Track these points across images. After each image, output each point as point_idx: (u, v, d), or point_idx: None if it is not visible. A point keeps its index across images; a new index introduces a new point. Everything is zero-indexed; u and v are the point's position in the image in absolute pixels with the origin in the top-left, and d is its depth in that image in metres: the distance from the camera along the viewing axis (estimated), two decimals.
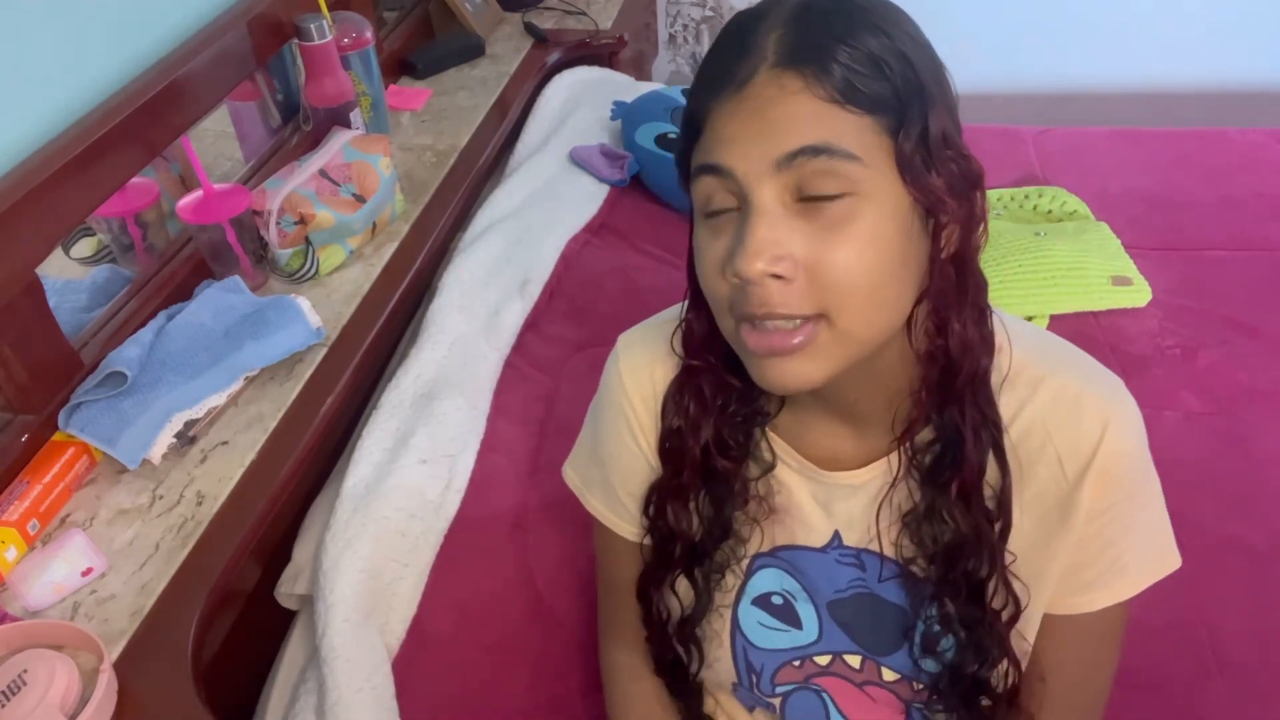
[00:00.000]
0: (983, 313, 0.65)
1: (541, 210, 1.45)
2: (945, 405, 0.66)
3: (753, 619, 0.77)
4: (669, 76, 2.82)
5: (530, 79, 1.77)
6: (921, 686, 0.75)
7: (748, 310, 0.59)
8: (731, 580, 0.77)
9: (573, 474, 0.85)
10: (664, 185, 1.61)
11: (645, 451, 0.78)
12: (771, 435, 0.74)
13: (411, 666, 0.91)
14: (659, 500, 0.77)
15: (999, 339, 0.67)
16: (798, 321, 0.59)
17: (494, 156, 1.57)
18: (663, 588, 0.80)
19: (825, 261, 0.57)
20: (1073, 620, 0.73)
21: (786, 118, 0.57)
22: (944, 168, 0.60)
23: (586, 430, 0.84)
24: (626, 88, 1.84)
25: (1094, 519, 0.68)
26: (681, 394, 0.73)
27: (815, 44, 0.57)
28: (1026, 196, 1.71)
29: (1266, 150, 1.87)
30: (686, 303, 0.71)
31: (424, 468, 1.02)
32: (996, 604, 0.70)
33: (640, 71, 2.21)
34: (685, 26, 2.74)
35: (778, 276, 0.57)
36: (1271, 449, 1.32)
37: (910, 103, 0.58)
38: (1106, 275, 1.54)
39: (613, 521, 0.82)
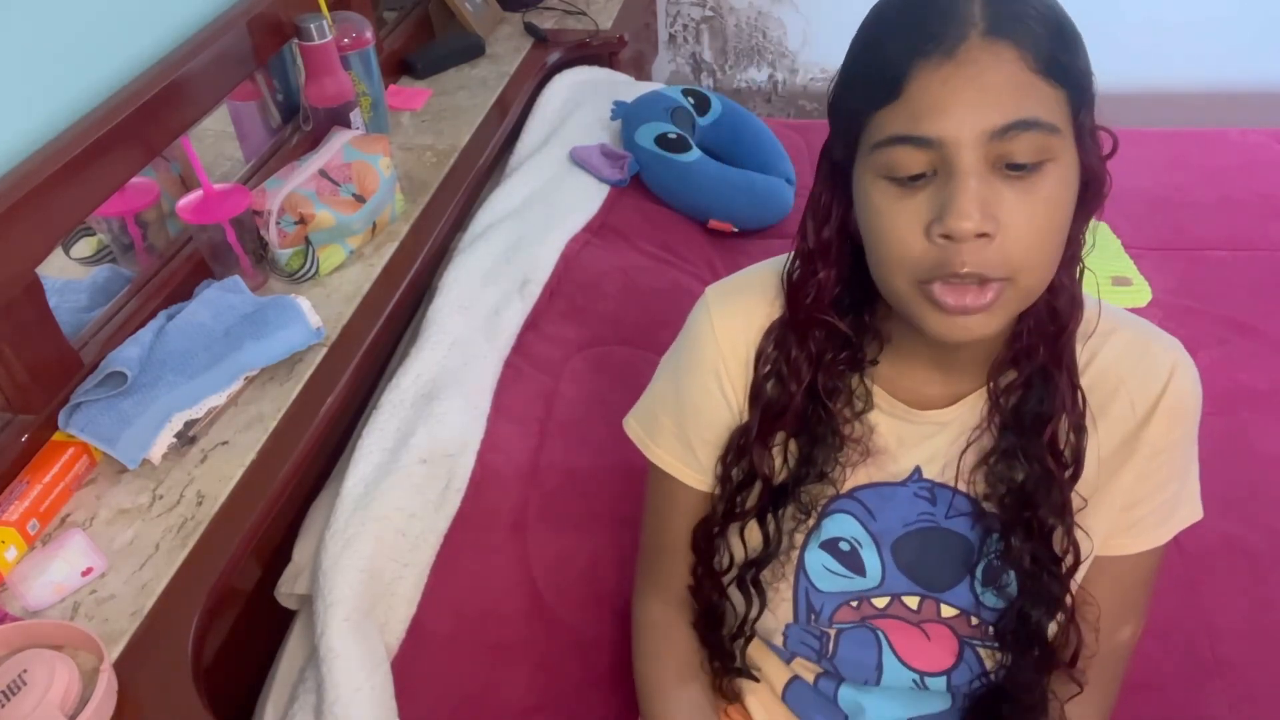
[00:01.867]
0: (1079, 271, 0.70)
1: (541, 210, 1.45)
2: (1046, 357, 0.70)
3: (818, 562, 0.79)
4: (669, 76, 2.82)
5: (530, 79, 1.77)
6: (979, 621, 0.78)
7: (949, 269, 0.60)
8: (805, 523, 0.79)
9: (636, 425, 0.86)
10: (664, 185, 1.61)
11: (730, 400, 0.79)
12: (867, 379, 0.76)
13: (411, 666, 0.91)
14: (744, 445, 0.78)
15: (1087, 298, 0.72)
16: (987, 282, 0.61)
17: (494, 156, 1.57)
18: (726, 534, 0.82)
19: (1020, 222, 0.60)
20: (1109, 562, 0.77)
21: (1000, 87, 0.58)
22: (1094, 139, 0.65)
23: (661, 381, 0.85)
24: (626, 88, 1.84)
25: (1156, 455, 0.74)
26: (785, 345, 0.75)
27: (1020, 13, 0.59)
28: None
29: (1266, 150, 1.88)
30: (794, 260, 0.74)
31: (424, 468, 1.02)
32: (1059, 550, 0.74)
33: (640, 71, 2.21)
34: (685, 26, 2.73)
35: (983, 235, 0.59)
36: (1271, 449, 1.32)
37: (1087, 76, 0.62)
38: (1106, 275, 1.55)
39: (679, 470, 0.83)
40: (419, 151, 1.52)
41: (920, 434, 0.76)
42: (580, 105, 1.74)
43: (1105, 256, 1.58)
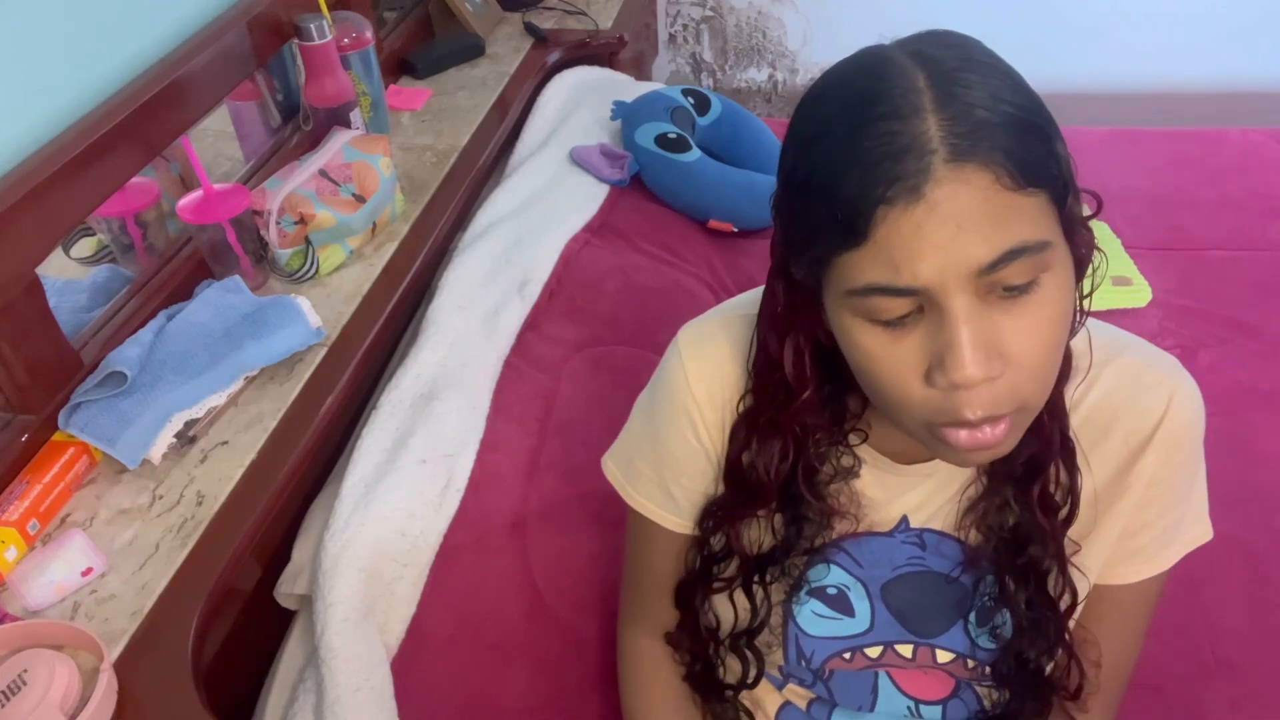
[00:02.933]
0: (1078, 328, 0.65)
1: (541, 210, 1.45)
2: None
3: (807, 609, 0.78)
4: (669, 76, 2.82)
5: (530, 79, 1.77)
6: (975, 664, 0.76)
7: (959, 417, 0.56)
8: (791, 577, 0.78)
9: (614, 467, 0.83)
10: (664, 185, 1.61)
11: (708, 450, 0.76)
12: (852, 443, 0.73)
13: (410, 666, 0.91)
14: (723, 518, 0.76)
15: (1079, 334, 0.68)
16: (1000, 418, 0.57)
17: (494, 156, 1.57)
18: (709, 599, 0.80)
19: (1024, 349, 0.55)
20: (1111, 590, 0.75)
21: (979, 220, 0.52)
22: (1079, 215, 0.59)
23: (637, 426, 0.82)
24: (626, 88, 1.84)
25: (1154, 485, 0.71)
26: (755, 434, 0.71)
27: (983, 125, 0.52)
28: None
29: (1266, 150, 1.87)
30: (756, 351, 0.70)
31: (424, 468, 1.02)
32: (1055, 592, 0.72)
33: (640, 71, 2.21)
34: (685, 26, 2.73)
35: (990, 378, 0.55)
36: (1271, 449, 1.32)
37: (1060, 156, 0.56)
38: (1106, 275, 1.54)
39: (659, 515, 0.81)
40: (419, 151, 1.52)
41: (906, 484, 0.73)
42: (580, 105, 1.74)
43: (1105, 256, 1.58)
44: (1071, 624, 0.75)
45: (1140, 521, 0.72)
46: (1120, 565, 0.74)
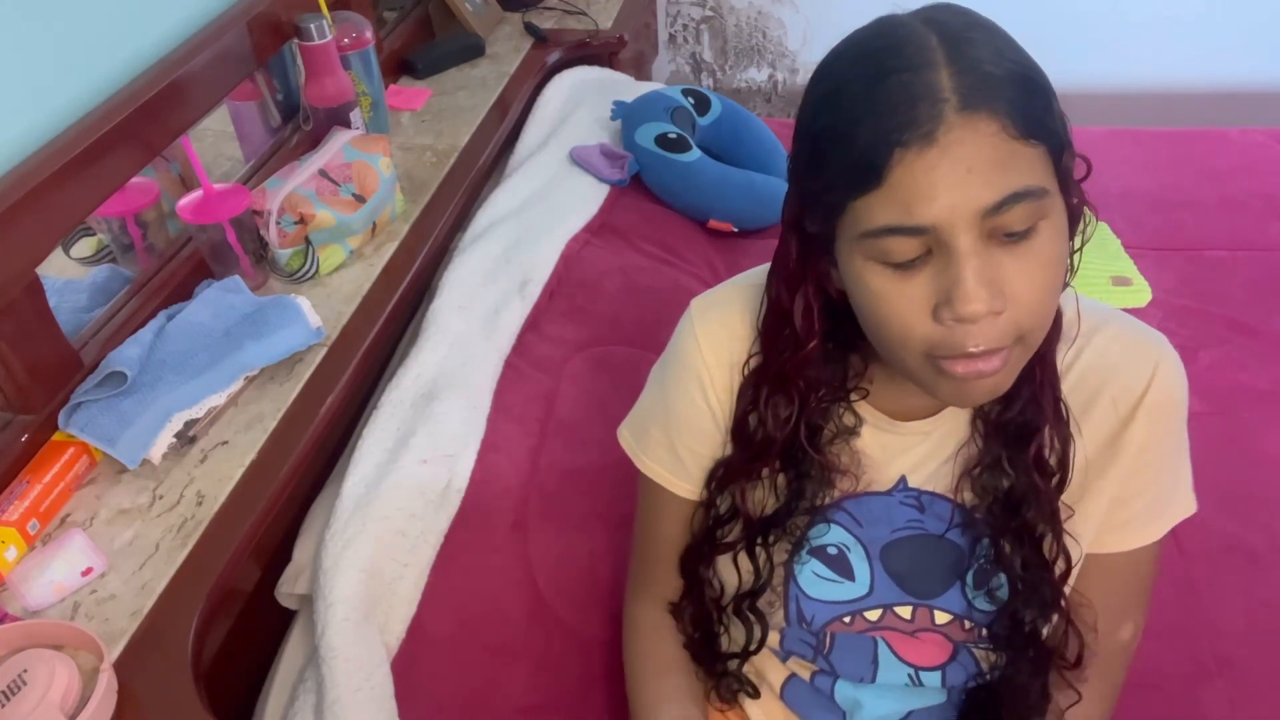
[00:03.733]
0: (1066, 283, 0.67)
1: (541, 210, 1.45)
2: (1023, 374, 0.68)
3: (808, 570, 0.79)
4: (669, 76, 2.82)
5: (530, 79, 1.77)
6: (973, 625, 0.78)
7: (962, 348, 0.59)
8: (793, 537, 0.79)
9: (628, 434, 0.86)
10: (664, 185, 1.61)
11: (715, 412, 0.79)
12: (852, 401, 0.76)
13: (411, 666, 0.91)
14: (728, 478, 0.78)
15: (1064, 302, 0.70)
16: (998, 349, 0.60)
17: (494, 156, 1.57)
18: (715, 564, 0.82)
19: (1023, 288, 0.59)
20: (1103, 559, 0.77)
21: (986, 164, 0.56)
22: (1073, 172, 0.62)
23: (650, 392, 0.85)
24: (626, 88, 1.84)
25: (1143, 452, 0.73)
26: (763, 389, 0.74)
27: (990, 78, 0.57)
28: None
29: (1266, 150, 1.88)
30: (766, 311, 0.73)
31: (424, 468, 1.02)
32: (1049, 556, 0.73)
33: (640, 71, 2.21)
34: (685, 26, 2.73)
35: (994, 312, 0.59)
36: (1271, 449, 1.32)
37: (1058, 116, 0.60)
38: (1106, 275, 1.54)
39: (668, 480, 0.83)
40: (419, 151, 1.52)
41: (904, 444, 0.76)
42: (580, 105, 1.74)
43: (1105, 256, 1.58)
44: (1067, 589, 0.76)
45: (1130, 490, 0.74)
46: (1112, 533, 0.76)
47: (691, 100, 1.73)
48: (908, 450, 0.76)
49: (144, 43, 1.13)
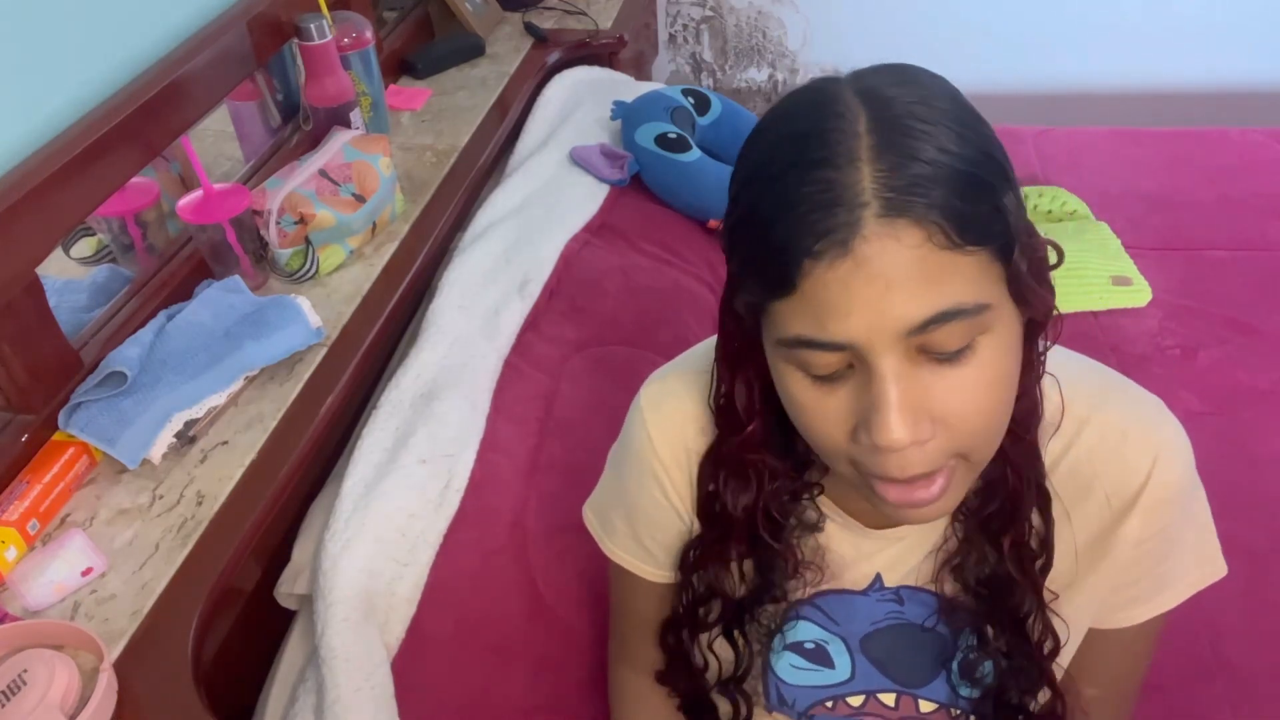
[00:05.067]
0: (1037, 380, 0.63)
1: (541, 210, 1.45)
2: (1003, 462, 0.63)
3: (786, 663, 0.77)
4: (669, 76, 2.82)
5: (530, 79, 1.77)
6: (959, 713, 0.75)
7: (886, 474, 0.55)
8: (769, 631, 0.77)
9: (593, 517, 0.84)
10: (664, 185, 1.61)
11: (678, 508, 0.75)
12: (817, 498, 0.72)
13: (411, 666, 0.91)
14: (698, 559, 0.75)
15: (1049, 390, 0.65)
16: (934, 472, 0.55)
17: (494, 156, 1.57)
18: (697, 642, 0.80)
19: (956, 409, 0.53)
20: (1113, 634, 0.73)
21: (907, 280, 0.50)
22: (1034, 265, 0.55)
23: (609, 481, 0.82)
24: (626, 88, 1.84)
25: (1141, 544, 0.68)
26: (720, 475, 0.70)
27: (919, 179, 0.49)
28: (1026, 197, 1.71)
29: (1266, 150, 1.88)
30: (717, 386, 0.68)
31: (424, 467, 1.02)
32: (1036, 637, 0.70)
33: (640, 71, 2.21)
34: (685, 26, 2.74)
35: (917, 442, 0.53)
36: (1271, 449, 1.32)
37: (1011, 210, 0.53)
38: (1106, 275, 1.54)
39: (636, 566, 0.81)
40: (419, 151, 1.52)
41: (876, 545, 0.71)
42: (580, 105, 1.74)
43: (1105, 256, 1.58)
44: (1058, 666, 0.73)
45: (1130, 577, 0.70)
46: (1117, 612, 0.72)
47: (691, 100, 1.73)
48: (881, 550, 0.71)
49: (144, 43, 1.13)
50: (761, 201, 0.53)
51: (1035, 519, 0.67)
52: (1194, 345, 1.46)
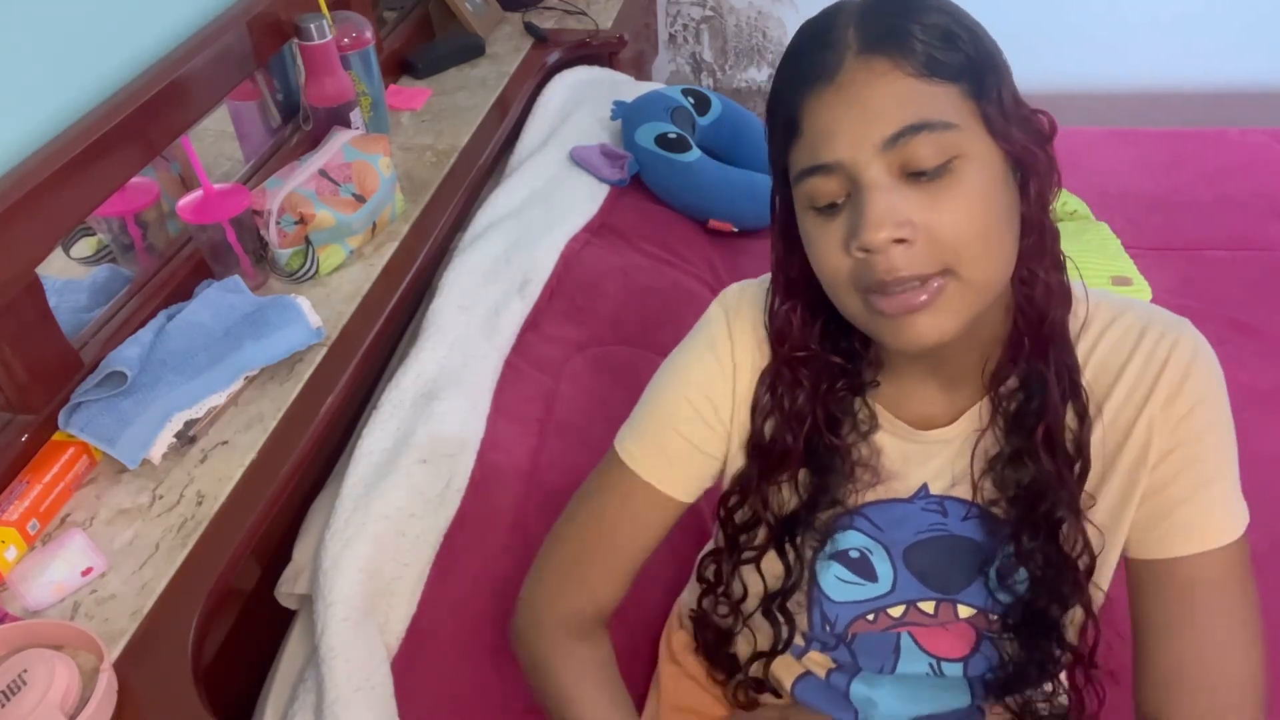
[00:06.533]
0: (1059, 261, 0.69)
1: (541, 210, 1.45)
2: (1031, 353, 0.69)
3: (830, 574, 0.79)
4: (669, 76, 2.82)
5: (530, 79, 1.77)
6: (997, 617, 0.77)
7: (875, 279, 0.61)
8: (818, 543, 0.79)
9: (624, 434, 0.82)
10: (664, 185, 1.61)
11: (725, 413, 0.78)
12: (870, 401, 0.76)
13: (411, 666, 0.91)
14: (748, 490, 0.78)
15: (1076, 290, 0.71)
16: (925, 280, 0.61)
17: (494, 156, 1.57)
18: (738, 570, 0.81)
19: (941, 222, 0.60)
20: (1165, 571, 0.70)
21: (881, 99, 0.60)
22: (1021, 124, 0.64)
23: (654, 381, 0.81)
24: (626, 88, 1.84)
25: (1164, 437, 0.70)
26: (778, 387, 0.75)
27: (892, 26, 0.61)
28: None
29: (1266, 150, 1.88)
30: (771, 299, 0.74)
31: (424, 467, 1.02)
32: (1072, 549, 0.72)
33: (640, 71, 2.21)
34: (685, 26, 2.74)
35: (900, 241, 0.60)
36: (1271, 449, 1.32)
37: (984, 67, 0.62)
38: (1106, 275, 1.54)
39: (661, 477, 0.78)
40: (419, 151, 1.52)
41: (925, 453, 0.75)
42: (580, 105, 1.74)
43: (1105, 256, 1.58)
44: (1095, 587, 0.74)
45: (1160, 480, 0.70)
46: (1154, 531, 0.70)
47: (691, 100, 1.73)
48: (929, 460, 0.75)
49: (144, 43, 1.13)
50: (779, 75, 0.66)
51: (1071, 419, 0.70)
52: None
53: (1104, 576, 0.75)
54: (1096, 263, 1.55)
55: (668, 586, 1.07)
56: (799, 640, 0.83)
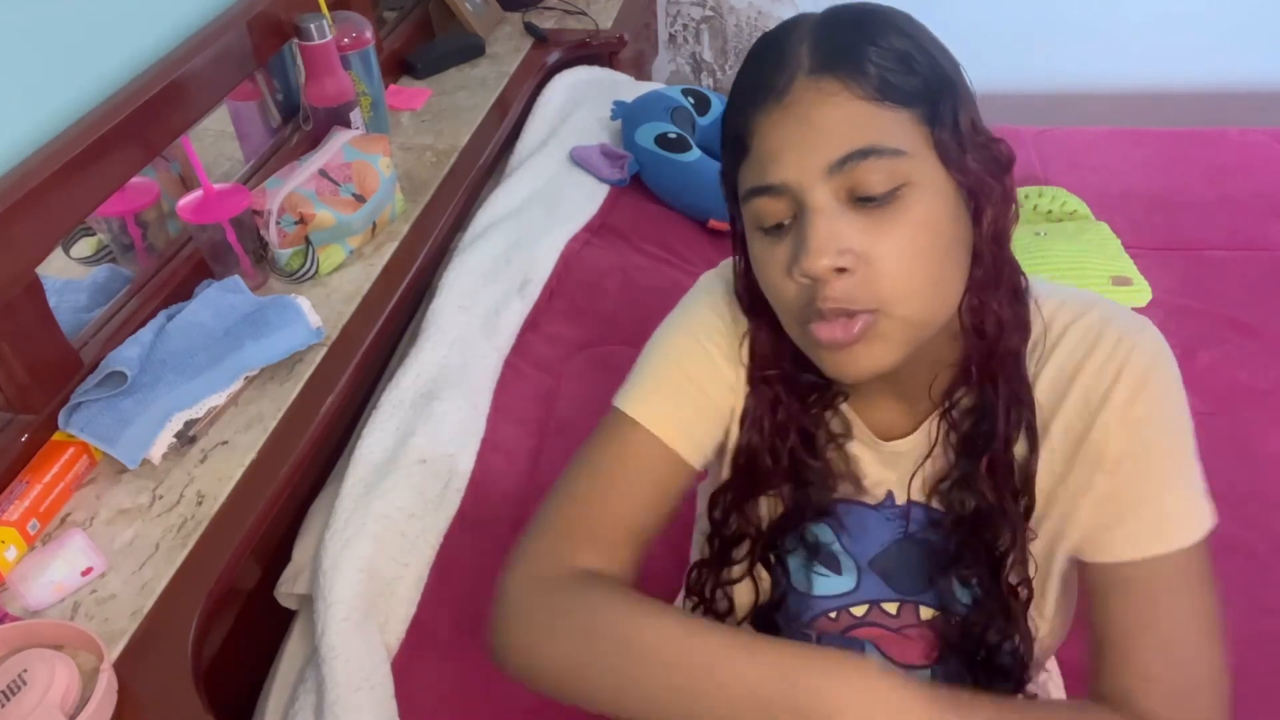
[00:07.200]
0: (1016, 292, 0.67)
1: (541, 210, 1.45)
2: (981, 380, 0.68)
3: (797, 561, 0.79)
4: (669, 76, 2.82)
5: (530, 79, 1.77)
6: (957, 619, 0.76)
7: (815, 306, 0.61)
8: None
9: (622, 391, 0.75)
10: (664, 185, 1.61)
11: (726, 374, 0.74)
12: (843, 408, 0.76)
13: (411, 666, 0.91)
14: (732, 503, 0.77)
15: (1038, 311, 0.69)
16: (853, 315, 0.60)
17: (494, 156, 1.57)
18: (725, 586, 0.80)
19: (882, 252, 0.59)
20: (1132, 574, 0.67)
21: (830, 122, 0.58)
22: (978, 153, 0.62)
23: (648, 353, 0.78)
24: (626, 88, 1.84)
25: (1130, 435, 0.66)
26: (759, 403, 0.74)
27: (846, 46, 0.59)
28: (1026, 197, 1.71)
29: (1266, 150, 1.88)
30: (745, 321, 0.74)
31: (424, 467, 1.02)
32: (1013, 578, 0.71)
33: (640, 71, 2.21)
34: (685, 26, 2.74)
35: (841, 270, 0.59)
36: (1271, 449, 1.32)
37: (940, 93, 0.60)
38: (1106, 275, 1.54)
39: (671, 435, 0.72)
40: (419, 151, 1.52)
41: (888, 461, 0.75)
42: (580, 105, 1.74)
43: (1105, 256, 1.58)
44: (1040, 618, 0.74)
45: (1119, 484, 0.67)
46: (1115, 533, 0.67)
47: (691, 100, 1.73)
48: (891, 467, 0.75)
49: (144, 43, 1.13)
50: (734, 88, 0.65)
51: (1020, 449, 0.69)
52: (1194, 345, 1.46)
53: (1046, 602, 0.74)
54: (1096, 263, 1.55)
55: (667, 588, 1.07)
56: None
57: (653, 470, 0.72)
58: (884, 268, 0.59)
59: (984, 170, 0.62)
